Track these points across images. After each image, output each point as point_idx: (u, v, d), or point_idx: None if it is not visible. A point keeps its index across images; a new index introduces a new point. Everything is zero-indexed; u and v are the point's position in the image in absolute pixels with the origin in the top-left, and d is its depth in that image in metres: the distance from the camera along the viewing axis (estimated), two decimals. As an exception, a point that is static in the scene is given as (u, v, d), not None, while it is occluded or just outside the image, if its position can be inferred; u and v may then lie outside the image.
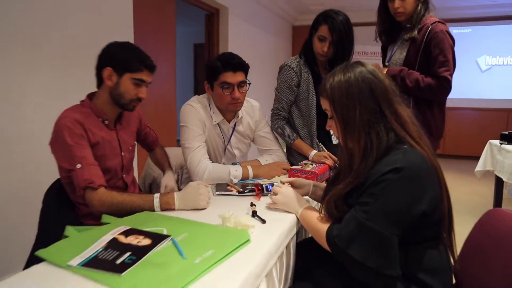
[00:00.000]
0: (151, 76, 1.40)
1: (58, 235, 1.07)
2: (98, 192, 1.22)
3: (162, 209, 1.25)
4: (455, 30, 6.79)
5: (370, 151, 1.05)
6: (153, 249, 0.92)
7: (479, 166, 3.27)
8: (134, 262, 0.86)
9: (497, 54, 6.60)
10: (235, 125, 1.91)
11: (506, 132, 3.05)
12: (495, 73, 6.64)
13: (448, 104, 7.14)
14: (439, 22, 1.90)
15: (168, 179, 1.59)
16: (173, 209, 1.25)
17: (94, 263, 0.86)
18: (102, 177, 1.27)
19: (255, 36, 5.69)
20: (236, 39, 5.00)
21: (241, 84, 1.73)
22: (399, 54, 1.97)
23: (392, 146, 1.05)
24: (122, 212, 1.20)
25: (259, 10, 5.72)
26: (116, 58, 1.33)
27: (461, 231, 1.30)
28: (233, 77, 1.69)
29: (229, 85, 1.70)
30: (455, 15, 6.67)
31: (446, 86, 1.84)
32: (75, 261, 0.86)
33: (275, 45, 6.52)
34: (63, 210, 1.43)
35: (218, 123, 1.85)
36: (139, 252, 0.90)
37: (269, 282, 0.99)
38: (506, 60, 6.56)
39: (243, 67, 1.72)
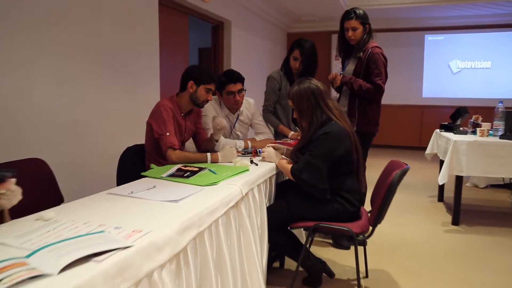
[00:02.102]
0: (215, 87, 2.28)
1: (131, 178, 1.88)
2: (176, 151, 2.08)
3: (212, 162, 2.11)
4: (430, 38, 7.72)
5: (312, 125, 1.97)
6: (200, 172, 1.83)
7: (428, 150, 4.19)
8: (192, 175, 1.77)
9: (466, 58, 7.51)
10: (238, 116, 2.82)
11: (446, 123, 3.97)
12: (464, 75, 7.56)
13: (425, 102, 8.16)
14: (376, 47, 2.79)
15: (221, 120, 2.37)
16: (218, 162, 2.12)
17: (174, 175, 1.78)
18: (178, 144, 2.13)
19: (254, 43, 6.61)
20: (238, 46, 5.91)
21: (240, 91, 2.65)
22: (350, 66, 2.87)
23: (325, 122, 1.97)
24: (187, 163, 2.05)
25: (257, 21, 6.64)
26: (196, 75, 2.22)
27: (418, 195, 2.20)
28: (234, 87, 2.61)
29: (232, 92, 2.63)
30: (430, 24, 7.58)
31: (379, 90, 2.73)
32: (164, 175, 1.78)
33: (271, 50, 7.44)
34: (134, 163, 2.34)
35: (226, 115, 2.77)
36: (194, 172, 1.81)
37: (259, 192, 1.90)
38: (474, 64, 7.48)
39: (241, 79, 2.64)
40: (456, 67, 7.60)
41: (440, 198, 4.16)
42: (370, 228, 2.00)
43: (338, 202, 1.98)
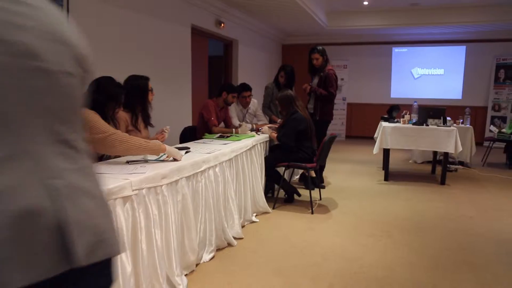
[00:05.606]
0: (237, 95, 4.21)
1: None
2: (217, 128, 3.97)
3: (235, 133, 3.99)
4: (396, 50, 9.60)
5: (288, 114, 3.87)
6: (231, 136, 3.72)
7: (375, 134, 6.05)
8: (227, 137, 3.66)
9: (425, 66, 9.39)
10: (247, 110, 4.72)
11: (385, 116, 5.85)
12: (423, 80, 9.44)
13: (393, 102, 10.37)
14: (331, 69, 4.66)
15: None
16: (238, 133, 3.99)
17: (219, 137, 3.67)
18: (217, 124, 4.03)
19: (256, 54, 8.48)
20: (243, 58, 7.78)
21: (249, 95, 4.54)
22: (315, 81, 4.74)
23: (294, 112, 3.87)
24: (223, 133, 3.95)
25: (258, 37, 8.51)
26: (228, 88, 4.11)
27: (369, 166, 4.12)
28: (246, 93, 4.52)
29: (244, 96, 4.53)
30: (396, 39, 9.44)
31: (332, 95, 4.61)
32: (214, 137, 3.68)
33: (269, 59, 9.31)
34: (189, 135, 4.22)
35: (241, 109, 4.67)
36: (228, 136, 3.70)
37: (260, 147, 3.79)
38: (430, 71, 9.36)
39: (250, 89, 4.54)
40: (416, 73, 9.48)
41: (384, 167, 6.04)
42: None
43: (300, 153, 3.86)
